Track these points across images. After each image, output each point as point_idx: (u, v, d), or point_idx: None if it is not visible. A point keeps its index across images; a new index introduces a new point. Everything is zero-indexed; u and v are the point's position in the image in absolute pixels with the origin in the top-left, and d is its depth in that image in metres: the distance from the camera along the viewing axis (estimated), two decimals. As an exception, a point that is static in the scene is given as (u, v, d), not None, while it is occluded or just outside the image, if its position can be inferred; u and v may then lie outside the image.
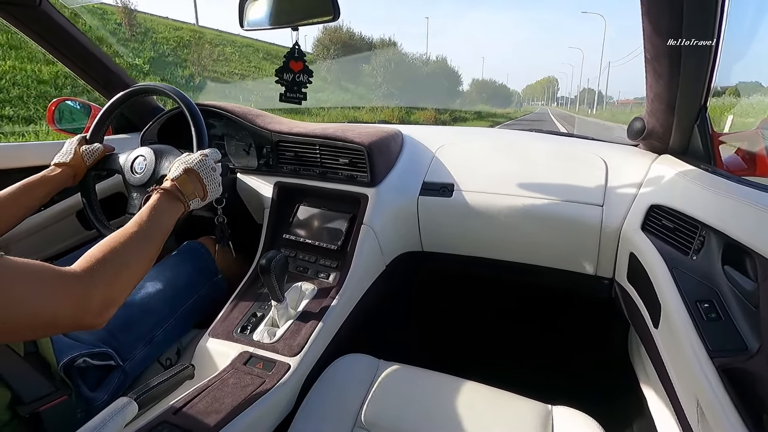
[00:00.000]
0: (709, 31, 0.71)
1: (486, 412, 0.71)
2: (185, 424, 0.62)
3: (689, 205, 0.76)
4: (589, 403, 0.77)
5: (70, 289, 0.50)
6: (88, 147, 0.95)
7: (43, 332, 0.56)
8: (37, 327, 0.49)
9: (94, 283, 0.53)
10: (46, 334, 0.63)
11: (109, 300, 0.55)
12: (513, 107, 76.69)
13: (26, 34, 1.09)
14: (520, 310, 1.45)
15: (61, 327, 0.52)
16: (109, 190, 1.27)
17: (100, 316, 0.53)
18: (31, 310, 0.47)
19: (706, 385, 0.56)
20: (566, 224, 0.98)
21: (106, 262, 0.56)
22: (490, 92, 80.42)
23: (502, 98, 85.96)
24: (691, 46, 0.72)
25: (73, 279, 0.52)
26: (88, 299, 0.52)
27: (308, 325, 0.85)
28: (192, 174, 0.77)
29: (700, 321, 0.63)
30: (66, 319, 0.50)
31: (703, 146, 0.88)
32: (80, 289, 0.51)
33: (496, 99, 78.68)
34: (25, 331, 0.50)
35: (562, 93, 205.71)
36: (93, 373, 0.73)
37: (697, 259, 0.71)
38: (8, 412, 0.59)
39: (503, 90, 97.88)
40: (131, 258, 0.59)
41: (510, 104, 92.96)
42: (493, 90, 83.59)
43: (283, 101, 0.91)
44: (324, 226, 1.07)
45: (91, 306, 0.52)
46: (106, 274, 0.55)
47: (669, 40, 0.73)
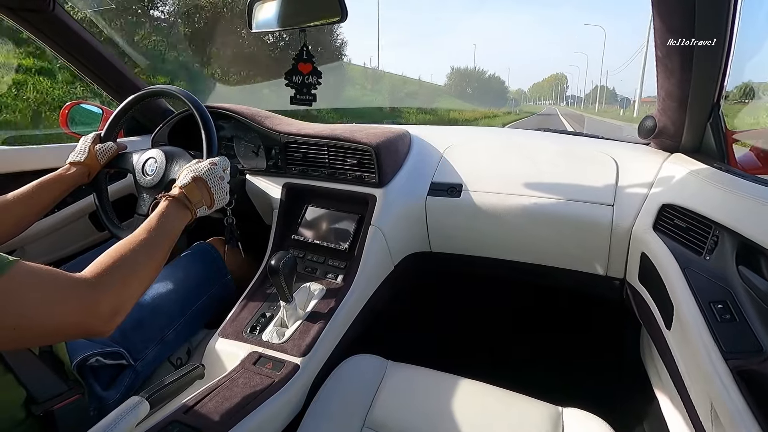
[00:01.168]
0: (722, 27, 0.70)
1: (495, 414, 0.71)
2: (196, 423, 0.63)
3: (702, 204, 0.75)
4: (600, 406, 0.76)
5: (80, 296, 0.51)
6: (102, 145, 0.96)
7: (54, 338, 0.57)
8: (48, 333, 0.50)
9: (103, 289, 0.54)
10: (57, 340, 0.64)
11: (118, 306, 0.55)
12: (507, 107, 55.31)
13: (40, 39, 1.11)
14: (529, 311, 1.44)
15: (71, 333, 0.53)
16: (120, 192, 1.29)
17: (109, 322, 0.54)
18: (43, 315, 0.48)
19: (720, 387, 0.55)
20: (576, 224, 0.97)
21: (115, 269, 0.57)
22: (479, 86, 65.15)
23: (495, 95, 67.96)
24: (703, 42, 0.71)
25: (84, 286, 0.52)
26: (97, 306, 0.52)
27: (317, 325, 0.85)
28: (200, 182, 0.78)
29: (714, 322, 0.62)
30: (76, 326, 0.51)
31: (716, 144, 0.86)
32: (90, 296, 0.52)
33: (487, 96, 63.22)
34: (36, 336, 0.50)
35: (572, 91, 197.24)
36: (105, 372, 0.75)
37: (710, 260, 0.70)
38: (23, 410, 0.60)
39: (495, 84, 79.39)
40: (139, 265, 0.60)
41: (504, 103, 71.24)
42: (481, 83, 68.04)
43: (294, 103, 0.91)
44: (332, 226, 1.07)
45: (101, 312, 0.53)
46: (115, 281, 0.56)
47: (680, 38, 0.72)
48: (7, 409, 0.59)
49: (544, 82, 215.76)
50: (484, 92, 65.19)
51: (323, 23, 0.87)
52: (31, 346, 0.64)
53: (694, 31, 0.70)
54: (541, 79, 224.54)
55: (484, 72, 70.68)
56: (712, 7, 0.67)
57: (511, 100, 54.43)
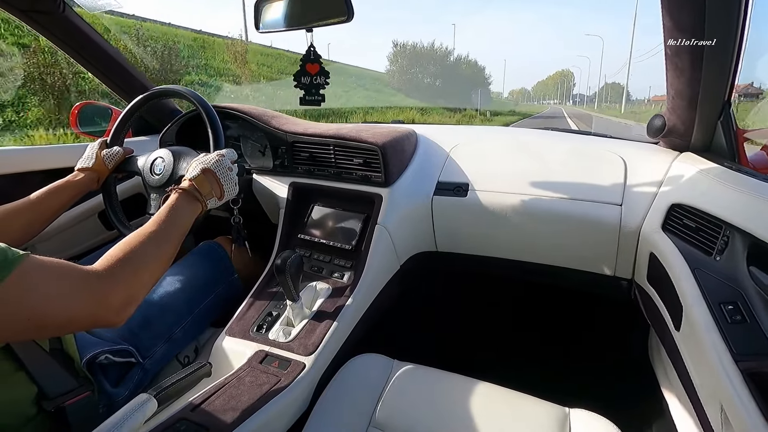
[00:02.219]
0: (732, 24, 0.69)
1: (501, 415, 0.71)
2: (203, 421, 0.63)
3: (712, 203, 0.74)
4: (608, 407, 0.75)
5: (91, 287, 0.52)
6: (109, 151, 0.98)
7: (66, 329, 0.57)
8: (61, 324, 0.51)
9: (114, 281, 0.54)
10: (69, 331, 0.65)
11: (129, 298, 0.56)
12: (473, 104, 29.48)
13: (50, 39, 1.12)
14: (536, 311, 1.44)
15: (84, 324, 0.53)
16: (129, 191, 1.30)
17: (120, 313, 0.55)
18: (56, 307, 0.49)
19: (731, 390, 0.55)
20: (583, 224, 0.97)
21: (126, 261, 0.57)
22: (441, 72, 41.56)
23: (466, 88, 39.55)
24: (713, 40, 0.70)
25: (95, 277, 0.53)
26: (108, 297, 0.53)
27: (323, 324, 0.86)
28: (209, 174, 0.79)
29: (724, 323, 0.61)
30: (87, 317, 0.52)
31: (727, 143, 0.85)
32: (101, 287, 0.53)
33: (453, 89, 40.12)
34: (49, 328, 0.51)
35: (579, 89, 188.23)
36: (114, 370, 0.75)
37: (720, 260, 0.69)
38: (34, 406, 0.61)
39: (476, 76, 50.70)
40: (150, 257, 0.61)
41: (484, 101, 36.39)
42: (445, 68, 42.47)
43: (304, 104, 0.92)
44: (338, 226, 1.07)
45: (112, 303, 0.54)
46: (126, 273, 0.56)
47: (690, 35, 0.71)
48: (20, 405, 0.59)
49: (548, 80, 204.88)
50: (450, 83, 42.91)
51: (329, 23, 0.87)
52: (44, 338, 0.65)
53: (704, 28, 0.69)
54: (546, 77, 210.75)
55: (449, 53, 44.07)
56: (723, 3, 0.66)
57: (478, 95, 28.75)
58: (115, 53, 1.24)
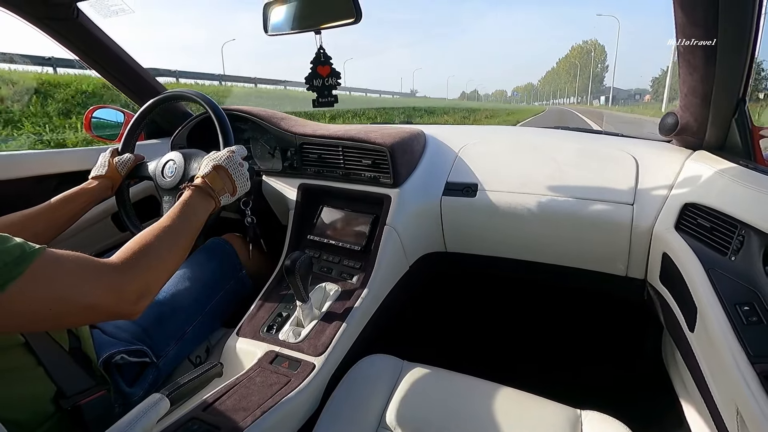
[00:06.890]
0: (747, 19, 0.67)
1: (512, 416, 0.70)
2: (214, 421, 0.64)
3: (727, 203, 0.72)
4: (621, 409, 0.74)
5: (108, 279, 0.53)
6: (121, 158, 1.00)
7: (84, 319, 0.59)
8: (79, 313, 0.52)
9: (131, 272, 0.56)
10: (86, 321, 0.67)
11: (144, 290, 0.57)
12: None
13: (65, 46, 1.15)
14: (548, 312, 1.42)
15: (101, 314, 0.55)
16: (142, 193, 1.32)
17: (135, 304, 0.56)
18: (74, 296, 0.50)
19: (746, 392, 0.54)
20: (595, 224, 0.96)
21: (141, 254, 0.59)
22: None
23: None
24: (727, 36, 0.69)
25: (111, 269, 0.55)
26: (124, 288, 0.55)
27: (332, 325, 0.86)
28: (221, 170, 0.80)
29: (740, 324, 0.60)
30: (104, 307, 0.53)
31: (742, 141, 0.84)
32: (118, 278, 0.55)
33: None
34: (68, 318, 0.53)
35: (608, 81, 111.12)
36: (130, 370, 0.77)
37: (735, 260, 0.68)
38: (53, 404, 0.62)
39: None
40: (164, 251, 0.62)
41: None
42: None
43: (317, 107, 0.92)
44: (347, 227, 1.08)
45: (127, 295, 0.55)
46: (141, 265, 0.58)
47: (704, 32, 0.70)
48: (39, 402, 0.61)
49: (559, 67, 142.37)
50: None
51: (338, 25, 0.87)
52: (63, 328, 0.67)
53: (717, 23, 0.68)
54: (556, 64, 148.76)
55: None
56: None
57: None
58: (128, 58, 1.26)
